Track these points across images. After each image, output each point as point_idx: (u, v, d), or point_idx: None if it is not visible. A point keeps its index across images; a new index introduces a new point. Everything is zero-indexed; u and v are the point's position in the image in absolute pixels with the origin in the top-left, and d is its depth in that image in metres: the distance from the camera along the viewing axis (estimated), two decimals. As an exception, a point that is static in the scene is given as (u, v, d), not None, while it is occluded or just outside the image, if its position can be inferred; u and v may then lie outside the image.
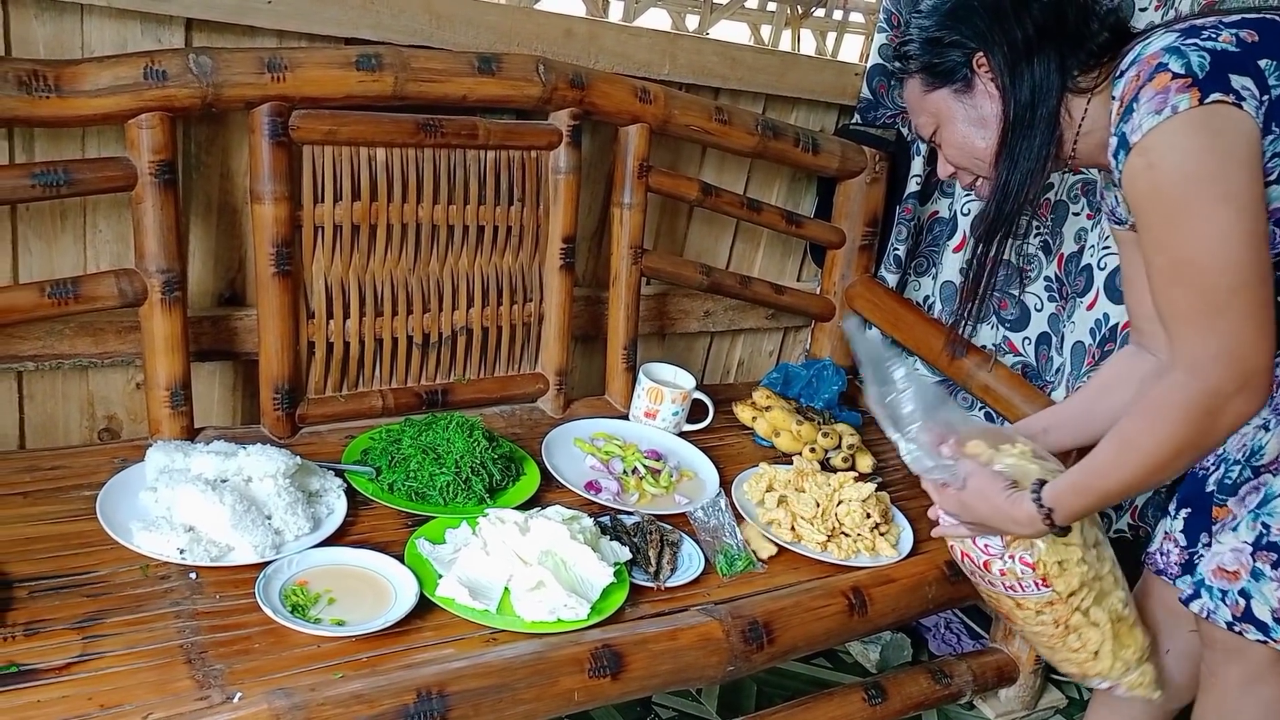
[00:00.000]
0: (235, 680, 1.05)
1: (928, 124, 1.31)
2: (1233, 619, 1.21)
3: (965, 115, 1.26)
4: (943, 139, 1.30)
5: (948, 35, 1.24)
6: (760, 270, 2.12)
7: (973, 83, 1.24)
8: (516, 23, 1.61)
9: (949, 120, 1.28)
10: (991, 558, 1.31)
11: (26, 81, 1.23)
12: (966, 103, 1.26)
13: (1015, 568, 1.30)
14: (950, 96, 1.26)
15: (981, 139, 1.26)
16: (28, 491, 1.28)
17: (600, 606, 1.24)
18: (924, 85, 1.28)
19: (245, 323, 1.54)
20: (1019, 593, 1.32)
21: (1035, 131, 1.22)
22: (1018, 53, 1.20)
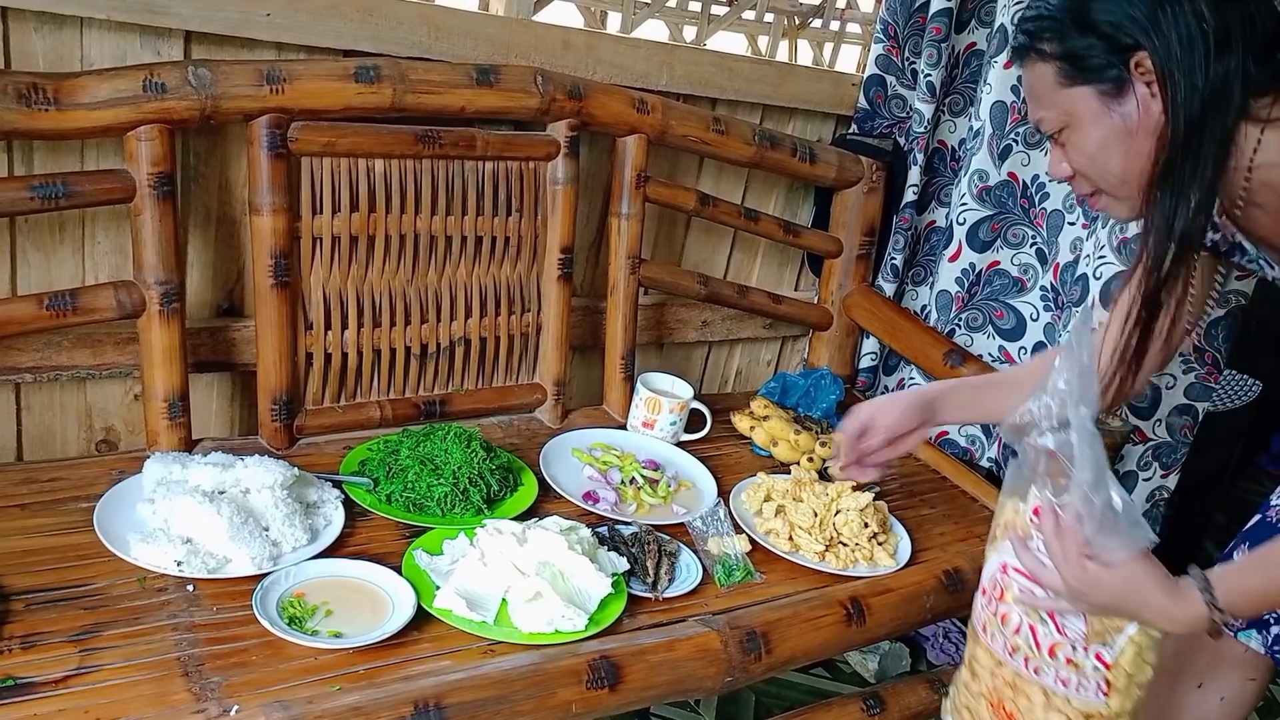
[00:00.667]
0: (232, 693, 1.05)
1: (1053, 120, 1.10)
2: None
3: (1109, 124, 1.06)
4: (1070, 142, 1.10)
5: (1109, 19, 1.02)
6: (758, 280, 2.13)
7: (1125, 86, 1.04)
8: (514, 34, 1.62)
9: (1084, 124, 1.08)
10: (1062, 641, 1.11)
11: (26, 94, 1.23)
12: (1113, 108, 1.05)
13: (1086, 662, 1.10)
14: (1093, 97, 1.06)
15: (1123, 153, 1.06)
16: (25, 503, 1.28)
17: (598, 617, 1.24)
18: (1060, 76, 1.07)
19: (243, 334, 1.54)
20: (1066, 689, 1.11)
21: (1205, 156, 1.02)
22: (1194, 59, 1.00)
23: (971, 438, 2.06)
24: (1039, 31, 1.08)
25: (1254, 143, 1.03)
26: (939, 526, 1.67)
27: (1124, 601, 1.02)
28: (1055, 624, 1.11)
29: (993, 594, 1.17)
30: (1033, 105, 1.14)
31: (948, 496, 1.79)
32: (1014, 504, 1.18)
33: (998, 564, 1.17)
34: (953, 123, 2.03)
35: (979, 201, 1.94)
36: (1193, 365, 1.81)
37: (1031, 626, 1.13)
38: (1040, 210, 1.91)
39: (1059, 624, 1.11)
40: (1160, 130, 1.04)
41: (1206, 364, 1.82)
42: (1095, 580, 1.01)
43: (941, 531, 1.66)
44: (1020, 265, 1.95)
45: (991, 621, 1.17)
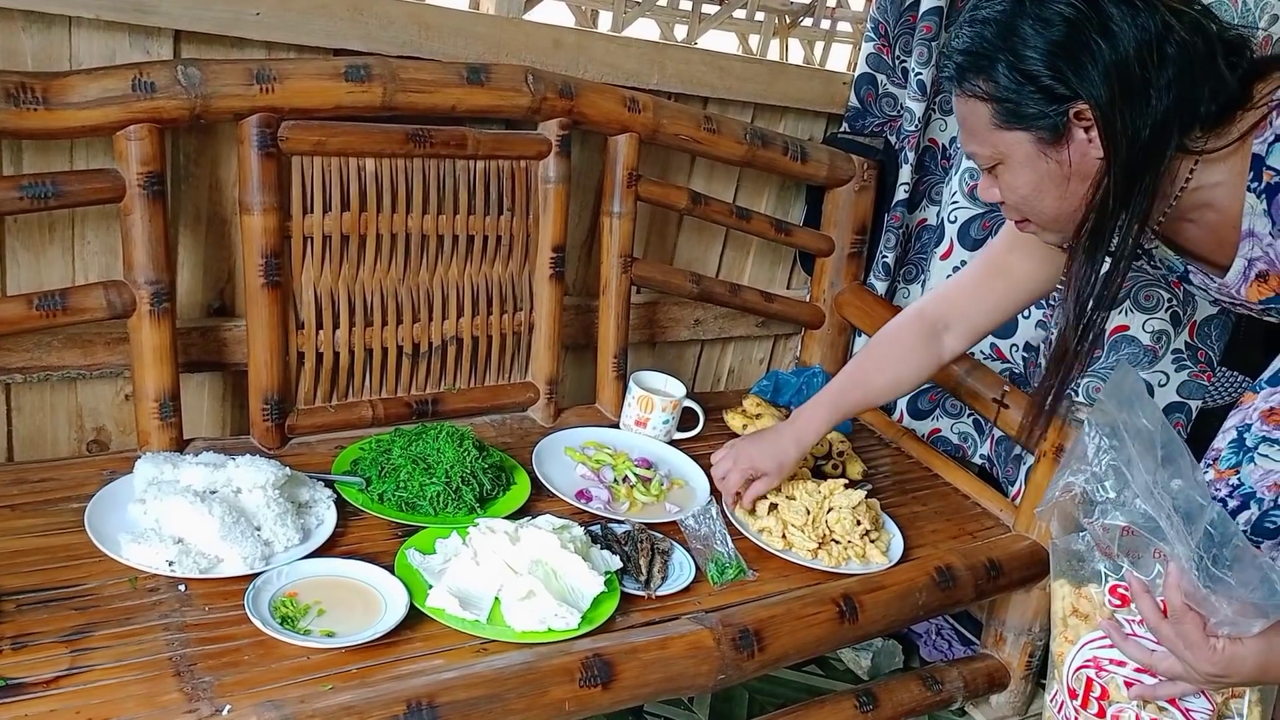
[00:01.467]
0: (224, 693, 1.05)
1: (987, 157, 1.10)
2: None
3: (1043, 168, 1.06)
4: (1003, 179, 1.11)
5: (1048, 76, 1.00)
6: (750, 278, 2.13)
7: (1063, 133, 1.03)
8: (505, 33, 1.62)
9: (1017, 166, 1.08)
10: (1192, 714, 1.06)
11: (14, 94, 1.23)
12: (1049, 154, 1.05)
13: None
14: (1029, 142, 1.05)
15: (1056, 196, 1.07)
16: (15, 504, 1.27)
17: (591, 616, 1.24)
18: (994, 118, 1.06)
19: (234, 333, 1.54)
20: None
21: (1135, 208, 1.02)
22: (1138, 108, 0.98)
23: (964, 435, 2.06)
24: (973, 69, 1.05)
25: (1186, 173, 1.04)
26: (931, 524, 1.68)
27: (1267, 673, 0.96)
28: (1179, 709, 1.05)
29: (1089, 694, 1.11)
30: (965, 136, 1.12)
31: (940, 494, 1.79)
32: (1070, 587, 1.13)
33: (1082, 659, 1.11)
34: (943, 121, 2.03)
35: (970, 200, 1.94)
36: (1186, 363, 1.81)
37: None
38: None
39: (1183, 709, 1.05)
40: (1097, 176, 1.04)
41: (1199, 362, 1.82)
42: (1233, 658, 0.95)
43: (934, 529, 1.66)
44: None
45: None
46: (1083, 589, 1.12)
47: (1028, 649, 1.72)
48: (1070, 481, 1.06)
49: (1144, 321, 1.78)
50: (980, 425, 2.03)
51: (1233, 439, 1.30)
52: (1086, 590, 1.11)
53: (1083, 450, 1.05)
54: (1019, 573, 1.62)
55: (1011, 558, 1.61)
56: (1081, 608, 1.13)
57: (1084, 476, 1.04)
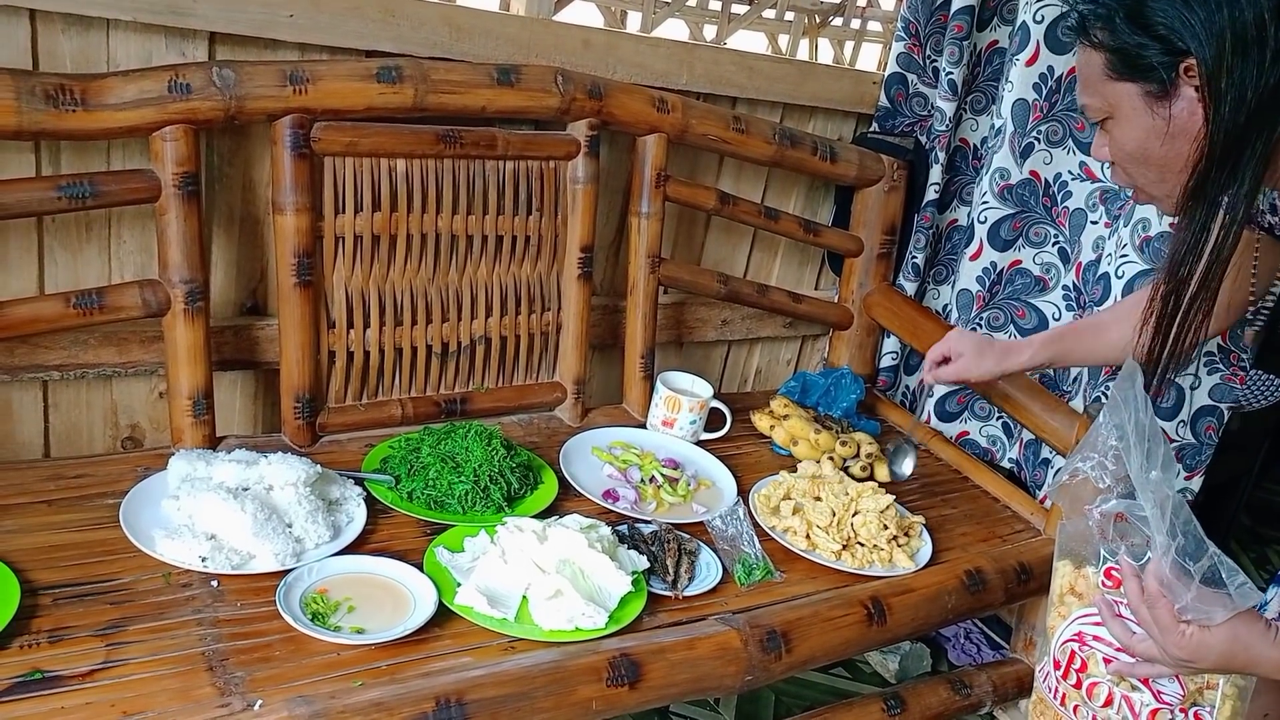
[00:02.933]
0: (256, 688, 1.06)
1: (1097, 109, 1.10)
2: None
3: (1150, 124, 1.05)
4: (1112, 133, 1.10)
5: (1163, 20, 1.00)
6: (778, 279, 2.12)
7: (1172, 89, 1.03)
8: (535, 34, 1.62)
9: (1126, 119, 1.07)
10: (1162, 708, 1.10)
11: (54, 95, 1.25)
12: (1156, 110, 1.04)
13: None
14: (1138, 95, 1.05)
15: (1161, 156, 1.06)
16: (52, 499, 1.29)
17: (618, 615, 1.24)
18: (1107, 68, 1.06)
19: (267, 332, 1.56)
20: None
21: (1243, 170, 1.01)
22: (1245, 68, 0.97)
23: (992, 438, 2.05)
24: (1094, 19, 1.06)
25: None
26: (960, 527, 1.66)
27: (1232, 661, 0.99)
28: (1151, 690, 1.09)
29: (1070, 666, 1.14)
30: (1080, 88, 1.13)
31: (969, 497, 1.78)
32: (1070, 567, 1.17)
33: (1070, 633, 1.14)
34: (974, 121, 2.02)
35: (1000, 200, 1.92)
36: (1218, 366, 1.79)
37: (1126, 697, 1.10)
38: (1063, 209, 1.90)
39: (1155, 690, 1.09)
40: (1200, 137, 1.03)
41: (1232, 364, 1.80)
42: (1200, 645, 0.98)
43: (963, 532, 1.65)
44: (1042, 264, 1.94)
45: (1074, 694, 1.14)
46: (1081, 569, 1.15)
47: (1057, 654, 1.70)
48: (1078, 467, 1.10)
49: None
50: (1009, 428, 2.02)
51: None
52: (1085, 571, 1.14)
53: (1095, 438, 1.08)
54: (1049, 577, 1.60)
55: (1042, 561, 1.59)
56: (1078, 587, 1.16)
57: (1091, 463, 1.08)
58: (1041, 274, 1.94)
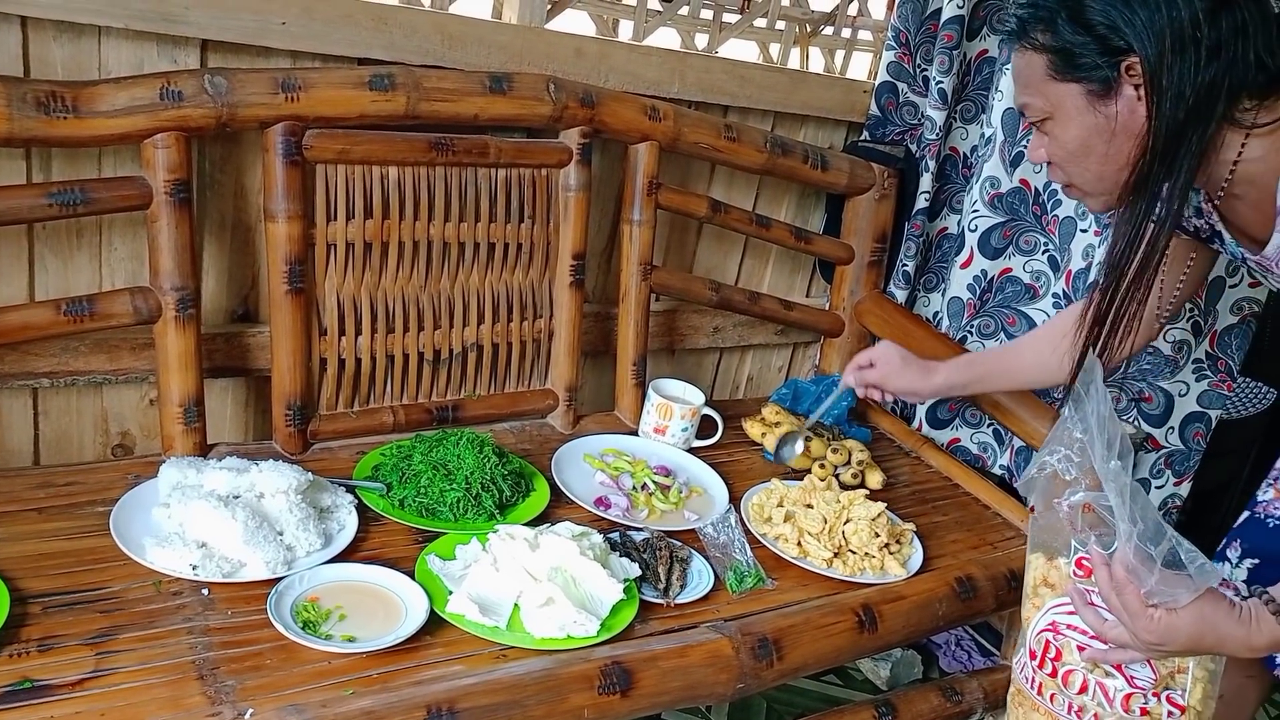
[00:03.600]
0: (247, 696, 1.05)
1: (1038, 109, 1.12)
2: None
3: (1092, 123, 1.08)
4: (1052, 133, 1.12)
5: (1105, 20, 1.03)
6: (769, 286, 2.13)
7: (1113, 87, 1.06)
8: (527, 42, 1.63)
9: (1067, 119, 1.09)
10: (1135, 692, 1.11)
11: (45, 102, 1.24)
12: (1099, 109, 1.07)
13: (1160, 708, 1.11)
14: (1080, 94, 1.07)
15: (1102, 154, 1.09)
16: (42, 507, 1.29)
17: (610, 623, 1.24)
18: (1049, 69, 1.08)
19: (258, 340, 1.55)
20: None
21: (1180, 165, 1.04)
22: (1183, 66, 1.01)
23: (983, 444, 2.05)
24: (1034, 20, 1.09)
25: (1237, 148, 1.06)
26: (951, 534, 1.67)
27: (1200, 642, 1.01)
28: (1124, 676, 1.11)
29: (1045, 655, 1.15)
30: (1019, 90, 1.15)
31: (960, 504, 1.78)
32: (1043, 559, 1.19)
33: (1044, 623, 1.16)
34: (964, 129, 2.03)
35: (991, 208, 1.93)
36: (1206, 373, 1.80)
37: (1100, 683, 1.12)
38: (1053, 217, 1.91)
39: (1128, 675, 1.10)
40: (1141, 134, 1.06)
41: (1220, 371, 1.81)
42: (1169, 628, 1.00)
43: (954, 539, 1.66)
44: (1032, 272, 1.95)
45: (1050, 683, 1.15)
46: (1054, 561, 1.17)
47: (1048, 661, 1.71)
48: (1046, 460, 1.12)
49: (1165, 331, 1.77)
50: (1000, 435, 2.02)
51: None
52: (1057, 562, 1.16)
53: (1060, 433, 1.11)
54: (1039, 583, 1.61)
55: (1032, 568, 1.60)
56: (1051, 578, 1.17)
57: (1058, 456, 1.11)
58: (1031, 282, 1.95)
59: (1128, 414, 1.84)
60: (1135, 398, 1.86)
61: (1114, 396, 1.80)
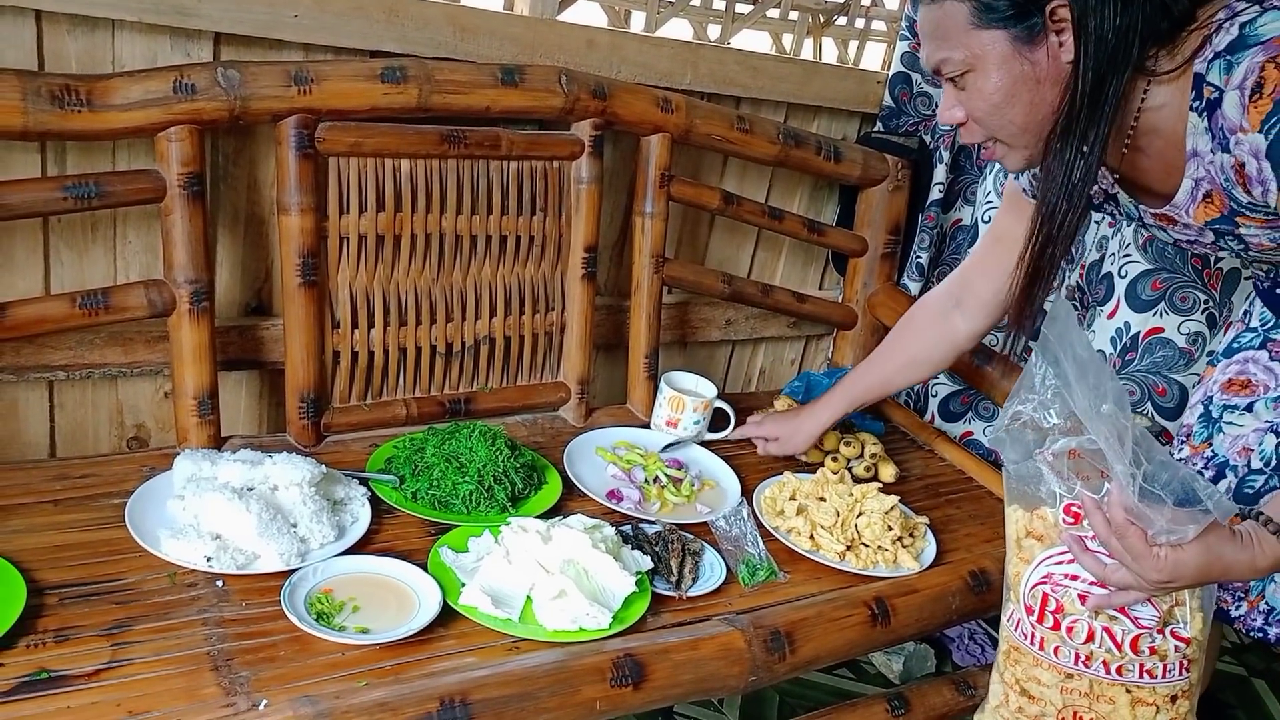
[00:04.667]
0: (261, 687, 1.06)
1: (957, 63, 1.09)
2: None
3: (1017, 71, 1.06)
4: (972, 86, 1.10)
5: None
6: (782, 279, 2.12)
7: (1039, 34, 1.04)
8: (539, 34, 1.62)
9: (990, 69, 1.07)
10: (1142, 633, 1.10)
11: (59, 96, 1.25)
12: (1025, 55, 1.05)
13: (1167, 644, 1.10)
14: (1005, 41, 1.05)
15: (1028, 103, 1.07)
16: (58, 499, 1.30)
17: (622, 616, 1.24)
18: (972, 17, 1.06)
19: (272, 332, 1.56)
20: (1156, 678, 1.11)
21: (1103, 110, 1.04)
22: (1108, 12, 1.01)
23: (997, 438, 2.04)
24: None
25: (1140, 94, 1.07)
26: (964, 527, 1.66)
27: (1209, 572, 1.00)
28: (1129, 618, 1.10)
29: (1045, 608, 1.14)
30: (934, 45, 1.11)
31: (973, 497, 1.78)
32: (1022, 511, 1.17)
33: (1038, 576, 1.14)
34: (979, 121, 2.01)
35: (1005, 200, 1.92)
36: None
37: (1106, 629, 1.11)
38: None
39: (1132, 617, 1.10)
40: (1066, 80, 1.05)
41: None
42: (1177, 564, 0.99)
43: (967, 532, 1.65)
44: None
45: (1052, 636, 1.14)
46: (1037, 511, 1.15)
47: (1062, 654, 1.70)
48: (1019, 410, 1.10)
49: (1179, 324, 1.75)
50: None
51: (1200, 413, 1.34)
52: (1041, 512, 1.14)
53: (1030, 380, 1.09)
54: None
55: (1046, 562, 1.59)
56: (1035, 529, 1.15)
57: (1031, 405, 1.09)
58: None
59: (1140, 406, 1.83)
60: (1147, 391, 1.85)
61: (1130, 391, 1.79)
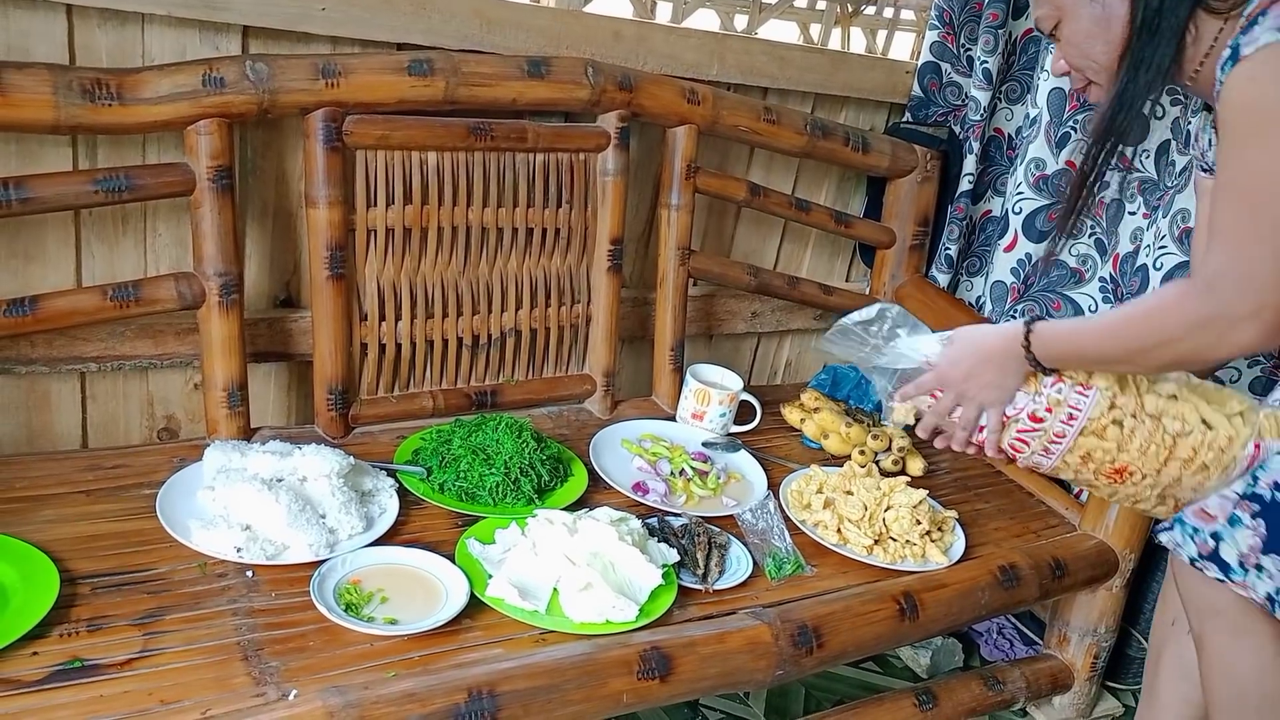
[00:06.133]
0: (290, 677, 1.07)
1: (1049, 17, 1.28)
2: (1197, 555, 1.21)
3: (1090, 13, 1.23)
4: (1064, 36, 1.27)
5: None
6: (808, 271, 2.11)
7: None
8: (565, 26, 1.62)
9: (1072, 15, 1.24)
10: (1024, 410, 1.30)
11: (90, 90, 1.26)
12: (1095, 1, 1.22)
13: (1049, 396, 1.29)
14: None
15: (1104, 41, 1.22)
16: (90, 490, 1.31)
17: (648, 609, 1.24)
18: None
19: (300, 325, 1.57)
20: (1079, 418, 1.28)
21: (1159, 41, 1.18)
22: None
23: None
24: None
25: (1214, 32, 1.17)
26: (994, 521, 1.65)
27: (970, 357, 1.30)
28: (1008, 417, 1.32)
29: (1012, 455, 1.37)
30: (1034, 9, 1.31)
31: (1003, 491, 1.76)
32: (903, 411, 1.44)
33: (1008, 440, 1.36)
34: (1009, 110, 1.99)
35: (1035, 190, 1.90)
36: (1258, 359, 1.76)
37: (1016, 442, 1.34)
38: (1100, 200, 1.87)
39: (1008, 414, 1.32)
40: (1128, 16, 1.20)
41: (1274, 356, 1.76)
42: (949, 363, 1.32)
43: (997, 526, 1.64)
44: (1078, 256, 1.91)
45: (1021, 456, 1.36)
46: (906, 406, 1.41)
47: (1092, 650, 1.69)
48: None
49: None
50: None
51: None
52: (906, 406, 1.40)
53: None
54: (1085, 572, 1.58)
55: (1077, 557, 1.58)
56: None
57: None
58: (1078, 265, 1.91)
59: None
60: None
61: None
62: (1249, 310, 1.08)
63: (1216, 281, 1.10)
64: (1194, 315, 1.12)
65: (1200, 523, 1.21)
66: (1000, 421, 1.33)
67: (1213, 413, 1.27)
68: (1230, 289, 1.09)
